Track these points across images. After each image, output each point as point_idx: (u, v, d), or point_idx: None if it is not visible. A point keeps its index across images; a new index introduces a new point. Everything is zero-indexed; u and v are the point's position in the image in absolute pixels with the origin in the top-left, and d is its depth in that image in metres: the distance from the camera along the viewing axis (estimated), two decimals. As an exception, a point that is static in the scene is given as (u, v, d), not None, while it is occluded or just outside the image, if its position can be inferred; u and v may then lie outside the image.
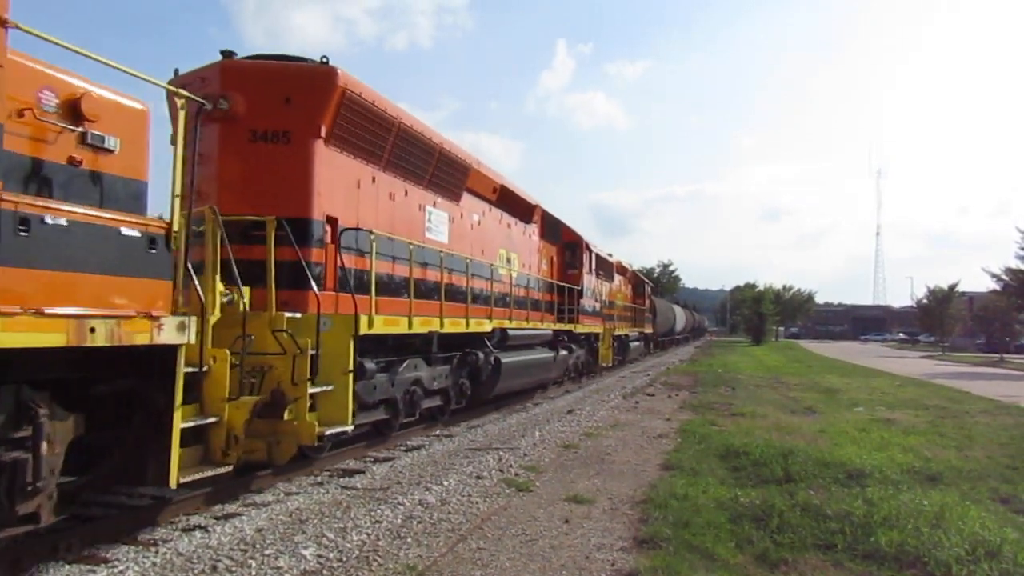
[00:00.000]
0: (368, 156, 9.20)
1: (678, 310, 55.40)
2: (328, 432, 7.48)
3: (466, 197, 12.39)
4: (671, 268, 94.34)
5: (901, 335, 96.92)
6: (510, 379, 13.41)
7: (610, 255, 26.34)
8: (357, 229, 8.72)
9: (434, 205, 11.10)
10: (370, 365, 8.56)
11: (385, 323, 8.67)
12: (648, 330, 36.47)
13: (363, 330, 7.94)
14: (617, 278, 27.15)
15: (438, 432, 11.43)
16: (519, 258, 15.37)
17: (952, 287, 63.49)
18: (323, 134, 8.23)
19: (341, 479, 8.01)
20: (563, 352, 17.49)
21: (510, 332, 13.44)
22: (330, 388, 7.56)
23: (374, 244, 8.69)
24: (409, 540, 5.79)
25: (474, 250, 12.62)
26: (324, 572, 5.05)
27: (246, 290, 6.76)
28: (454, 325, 10.87)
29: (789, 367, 31.60)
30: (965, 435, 11.32)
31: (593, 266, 21.34)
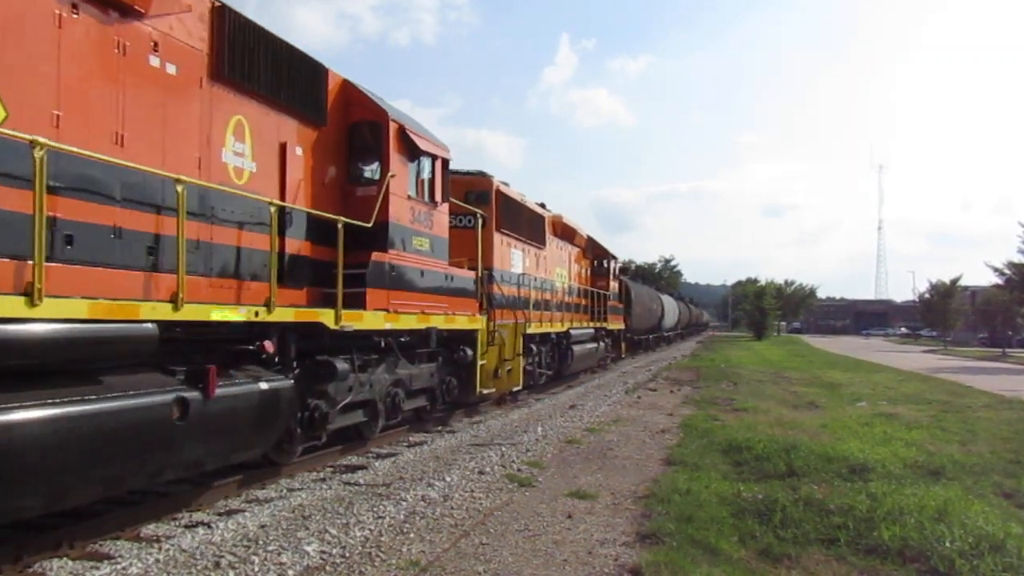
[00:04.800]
0: None
1: (668, 301, 44.72)
2: None
3: None
4: (673, 263, 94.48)
5: (903, 330, 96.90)
6: None
7: (542, 204, 17.42)
8: None
9: None
10: None
11: None
12: (617, 326, 25.99)
13: None
14: (555, 243, 18.24)
15: (440, 428, 11.44)
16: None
17: (954, 281, 63.31)
18: None
19: (344, 475, 8.01)
20: (264, 385, 6.62)
21: None
22: None
23: None
24: (412, 535, 5.80)
25: None
26: (327, 568, 5.05)
27: None
28: None
29: (791, 362, 31.58)
30: (968, 430, 11.31)
31: (438, 183, 10.33)
